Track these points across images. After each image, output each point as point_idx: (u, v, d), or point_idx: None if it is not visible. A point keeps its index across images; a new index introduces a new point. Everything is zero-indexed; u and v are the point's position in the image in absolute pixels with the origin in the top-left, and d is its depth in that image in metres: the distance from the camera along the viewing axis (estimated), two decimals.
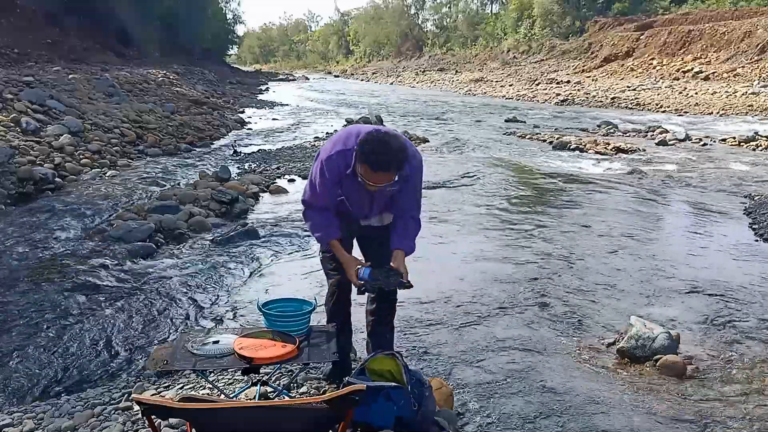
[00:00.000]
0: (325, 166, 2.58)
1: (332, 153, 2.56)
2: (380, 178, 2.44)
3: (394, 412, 2.45)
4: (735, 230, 6.51)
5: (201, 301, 4.50)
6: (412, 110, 22.30)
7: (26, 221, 6.35)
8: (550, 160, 11.21)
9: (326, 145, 2.66)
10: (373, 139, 2.41)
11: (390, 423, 2.45)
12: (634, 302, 4.44)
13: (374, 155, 2.39)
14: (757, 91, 22.45)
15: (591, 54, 37.81)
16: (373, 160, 2.39)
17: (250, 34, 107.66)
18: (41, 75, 13.21)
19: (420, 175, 2.69)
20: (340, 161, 2.54)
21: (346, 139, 2.58)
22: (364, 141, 2.42)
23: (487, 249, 5.79)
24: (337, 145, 2.58)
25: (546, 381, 3.27)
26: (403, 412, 2.46)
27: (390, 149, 2.40)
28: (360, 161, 2.44)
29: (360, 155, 2.42)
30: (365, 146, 2.41)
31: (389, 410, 2.45)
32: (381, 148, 2.39)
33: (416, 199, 2.74)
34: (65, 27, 23.50)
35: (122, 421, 2.75)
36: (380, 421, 2.46)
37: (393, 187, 2.55)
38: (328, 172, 2.57)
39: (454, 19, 62.66)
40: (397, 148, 2.42)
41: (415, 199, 2.73)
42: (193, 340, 2.60)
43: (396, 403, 2.46)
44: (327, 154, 2.59)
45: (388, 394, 2.46)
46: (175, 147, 11.51)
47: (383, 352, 2.65)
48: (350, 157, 2.51)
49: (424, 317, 4.09)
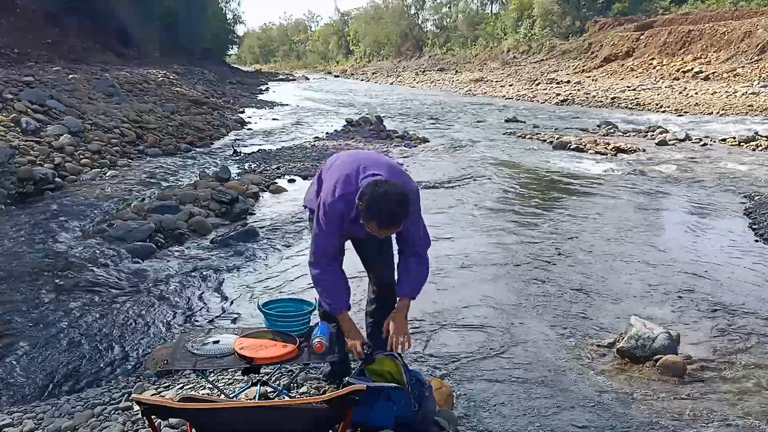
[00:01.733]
0: (328, 211, 2.52)
1: (335, 199, 2.49)
2: (387, 231, 2.45)
3: (394, 413, 2.45)
4: (735, 230, 6.51)
5: (201, 301, 4.50)
6: (412, 110, 22.30)
7: (26, 221, 6.35)
8: (550, 160, 11.21)
9: (327, 185, 2.58)
10: (375, 195, 2.33)
11: (390, 423, 2.45)
12: (634, 302, 4.44)
13: (380, 213, 2.34)
14: (757, 91, 22.44)
15: (591, 54, 37.81)
16: (380, 218, 2.36)
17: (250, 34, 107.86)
18: (41, 75, 13.21)
19: (418, 203, 2.65)
20: (344, 207, 2.49)
21: (346, 181, 2.50)
22: (368, 200, 2.34)
23: (486, 249, 5.79)
24: (338, 187, 2.51)
25: (546, 381, 3.27)
26: (403, 412, 2.46)
27: (394, 203, 2.34)
28: (366, 220, 2.39)
29: (365, 214, 2.37)
30: (369, 205, 2.34)
31: (389, 410, 2.45)
32: (385, 205, 2.33)
33: (422, 228, 2.70)
34: (65, 27, 23.50)
35: (122, 421, 2.75)
36: (380, 422, 2.46)
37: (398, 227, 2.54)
38: (333, 216, 2.52)
39: (454, 19, 62.68)
40: (399, 200, 2.36)
41: (421, 229, 2.69)
42: (193, 340, 2.60)
43: (396, 403, 2.46)
44: (330, 198, 2.51)
45: (388, 394, 2.46)
46: (175, 147, 11.51)
47: (382, 353, 2.65)
48: (353, 201, 2.45)
49: (424, 317, 4.09)
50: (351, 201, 2.45)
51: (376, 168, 2.54)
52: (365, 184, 2.41)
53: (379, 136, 14.02)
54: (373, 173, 2.48)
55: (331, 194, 2.52)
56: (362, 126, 15.84)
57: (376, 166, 2.56)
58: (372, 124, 16.07)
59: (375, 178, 2.44)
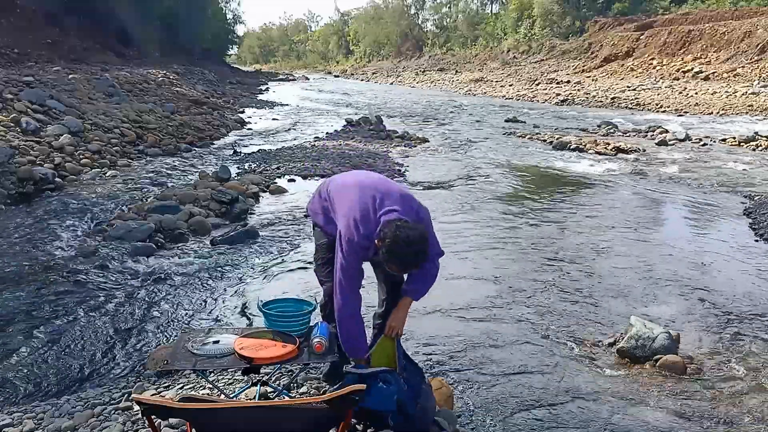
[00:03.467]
0: (353, 249, 2.53)
1: (359, 239, 2.51)
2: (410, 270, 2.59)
3: (394, 394, 2.45)
4: (735, 230, 6.51)
5: (201, 301, 4.50)
6: (412, 110, 22.30)
7: (26, 221, 6.35)
8: (550, 160, 11.21)
9: (344, 220, 2.57)
10: (397, 241, 2.37)
11: (392, 405, 2.45)
12: (634, 302, 4.44)
13: (402, 258, 2.42)
14: (757, 91, 22.45)
15: (591, 54, 37.80)
16: (402, 264, 2.47)
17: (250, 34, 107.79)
18: (41, 75, 13.21)
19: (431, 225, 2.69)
20: (365, 243, 2.52)
21: (364, 218, 2.52)
22: (389, 245, 2.38)
23: (486, 249, 5.79)
24: (360, 226, 2.52)
25: (546, 381, 3.27)
26: (399, 394, 2.46)
27: (415, 249, 2.40)
28: (387, 261, 2.46)
29: (387, 257, 2.43)
30: (391, 250, 2.39)
31: (389, 393, 2.45)
32: (408, 251, 2.39)
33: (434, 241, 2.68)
34: (65, 27, 23.50)
35: (122, 421, 2.75)
36: (381, 406, 2.45)
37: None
38: (357, 252, 2.55)
39: (454, 19, 62.66)
40: (420, 246, 2.42)
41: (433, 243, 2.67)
42: (193, 340, 2.60)
43: (389, 384, 2.46)
44: (355, 237, 2.52)
45: (385, 377, 2.47)
46: (175, 147, 11.50)
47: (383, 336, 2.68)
48: (372, 238, 2.49)
49: (424, 317, 4.09)
50: (372, 239, 2.50)
51: (390, 200, 2.55)
52: (384, 224, 2.45)
53: (378, 136, 14.02)
54: (390, 209, 2.51)
55: (355, 232, 2.52)
56: (362, 126, 15.83)
57: (389, 197, 2.57)
58: (372, 124, 16.07)
59: (393, 216, 2.47)
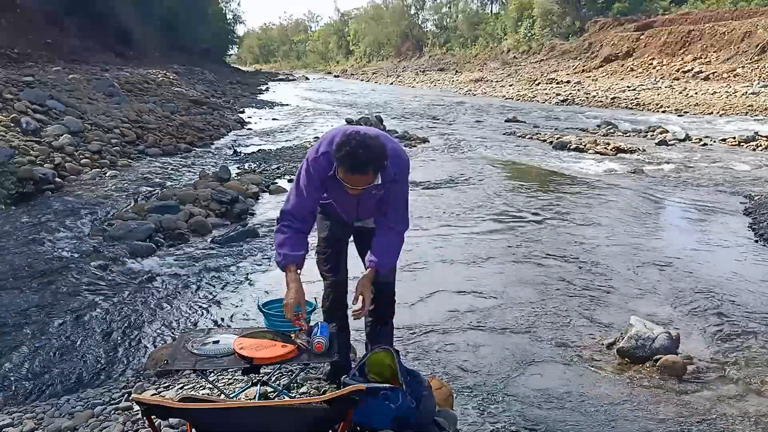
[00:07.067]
0: (310, 168, 2.51)
1: (318, 155, 2.49)
2: (358, 180, 2.35)
3: (391, 413, 2.44)
4: (735, 230, 6.51)
5: (201, 301, 4.50)
6: (412, 110, 22.29)
7: (26, 221, 6.35)
8: (550, 160, 11.21)
9: (313, 146, 2.60)
10: (350, 140, 2.30)
11: (387, 425, 2.44)
12: (634, 302, 4.44)
13: (350, 157, 2.28)
14: (757, 91, 22.44)
15: (591, 54, 37.79)
16: (349, 162, 2.29)
17: (250, 34, 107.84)
18: (41, 75, 13.21)
19: (405, 176, 2.59)
20: (324, 162, 2.47)
21: (331, 140, 2.48)
22: (342, 143, 2.31)
23: (486, 249, 5.78)
24: (322, 146, 2.50)
25: (546, 381, 3.27)
26: (400, 412, 2.46)
27: (368, 150, 2.29)
28: (338, 164, 2.36)
29: (337, 158, 2.33)
30: (342, 148, 2.30)
31: (387, 411, 2.44)
32: (358, 149, 2.27)
33: (403, 206, 2.64)
34: (65, 27, 23.50)
35: (122, 421, 2.75)
36: (377, 423, 2.45)
37: (378, 190, 2.49)
38: (313, 173, 2.50)
39: (454, 19, 62.64)
40: (375, 149, 2.31)
41: (402, 207, 2.63)
42: (193, 340, 2.60)
43: (393, 402, 2.46)
44: (312, 155, 2.52)
45: (386, 395, 2.46)
46: (175, 147, 11.50)
47: (381, 347, 2.65)
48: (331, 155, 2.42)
49: (424, 318, 4.09)
50: (332, 158, 2.41)
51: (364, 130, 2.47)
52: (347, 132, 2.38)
53: None
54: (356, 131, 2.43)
55: (314, 151, 2.52)
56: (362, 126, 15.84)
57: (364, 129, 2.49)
58: (372, 124, 16.07)
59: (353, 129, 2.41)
